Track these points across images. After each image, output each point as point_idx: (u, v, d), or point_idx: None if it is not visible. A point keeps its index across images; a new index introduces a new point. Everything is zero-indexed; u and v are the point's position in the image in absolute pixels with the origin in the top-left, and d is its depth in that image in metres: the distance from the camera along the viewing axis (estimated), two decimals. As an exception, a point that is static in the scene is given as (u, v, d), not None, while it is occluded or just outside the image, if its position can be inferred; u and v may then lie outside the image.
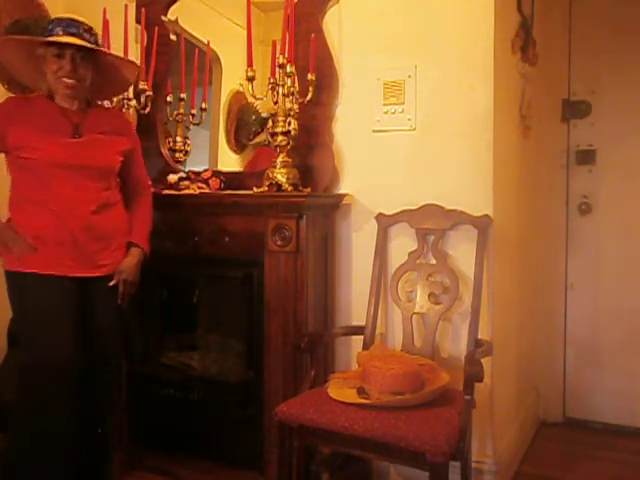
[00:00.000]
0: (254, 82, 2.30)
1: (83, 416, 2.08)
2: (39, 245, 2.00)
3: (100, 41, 2.15)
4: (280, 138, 2.30)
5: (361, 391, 1.90)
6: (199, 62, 2.81)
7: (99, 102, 2.36)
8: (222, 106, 2.93)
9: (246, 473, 2.41)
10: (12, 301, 2.05)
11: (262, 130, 2.85)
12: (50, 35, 2.00)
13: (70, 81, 2.02)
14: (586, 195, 3.02)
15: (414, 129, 2.33)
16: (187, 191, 2.51)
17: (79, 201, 2.04)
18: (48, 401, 1.97)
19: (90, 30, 2.05)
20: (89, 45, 2.03)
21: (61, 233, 2.01)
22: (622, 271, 2.95)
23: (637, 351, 2.93)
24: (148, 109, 2.71)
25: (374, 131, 2.40)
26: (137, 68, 2.30)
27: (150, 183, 2.39)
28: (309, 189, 2.35)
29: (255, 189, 2.35)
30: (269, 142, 2.76)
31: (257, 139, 2.88)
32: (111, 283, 2.13)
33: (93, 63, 2.08)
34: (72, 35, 1.99)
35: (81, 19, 2.06)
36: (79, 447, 2.08)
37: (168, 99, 2.85)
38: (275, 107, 2.32)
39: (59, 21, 2.02)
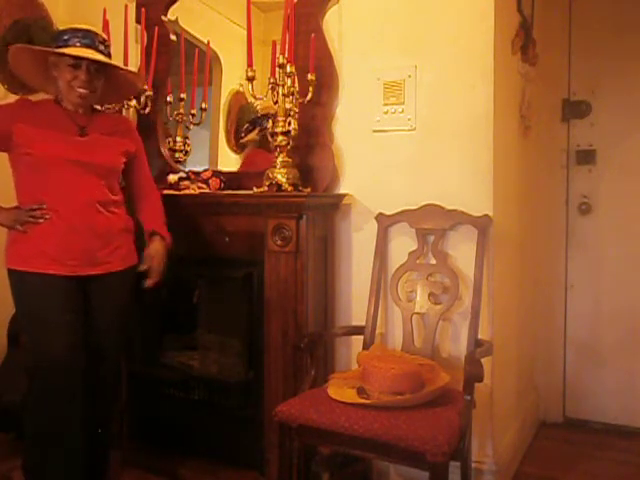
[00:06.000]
0: (254, 82, 2.31)
1: (84, 416, 2.08)
2: (41, 244, 2.02)
3: (111, 51, 2.18)
4: (280, 138, 2.30)
5: (361, 391, 1.90)
6: (199, 62, 2.81)
7: (101, 108, 2.39)
8: (222, 106, 2.92)
9: (246, 473, 2.41)
10: (14, 298, 2.08)
11: (253, 129, 2.84)
12: (66, 45, 2.02)
13: (84, 91, 2.06)
14: (586, 195, 3.02)
15: (414, 129, 2.33)
16: (187, 191, 2.51)
17: (81, 197, 2.06)
18: (55, 400, 2.00)
19: (104, 42, 2.10)
20: (107, 60, 2.08)
21: (63, 230, 2.02)
22: (622, 271, 2.95)
23: (637, 351, 2.93)
24: (148, 109, 2.71)
25: (374, 131, 2.40)
26: (143, 81, 2.47)
27: (156, 186, 2.40)
28: (309, 189, 2.35)
29: (255, 189, 2.35)
30: (259, 141, 2.78)
31: (248, 137, 2.87)
32: (141, 268, 2.17)
33: (104, 73, 2.12)
34: (88, 46, 2.04)
35: (95, 30, 2.10)
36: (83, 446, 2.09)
37: (168, 99, 2.84)
38: (275, 107, 2.32)
39: (75, 32, 2.04)
